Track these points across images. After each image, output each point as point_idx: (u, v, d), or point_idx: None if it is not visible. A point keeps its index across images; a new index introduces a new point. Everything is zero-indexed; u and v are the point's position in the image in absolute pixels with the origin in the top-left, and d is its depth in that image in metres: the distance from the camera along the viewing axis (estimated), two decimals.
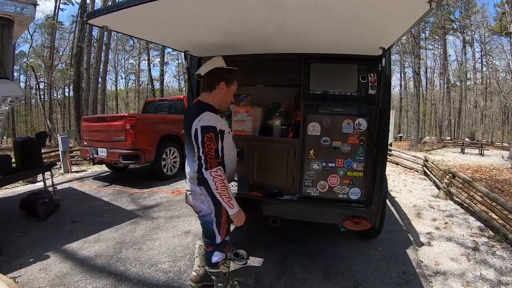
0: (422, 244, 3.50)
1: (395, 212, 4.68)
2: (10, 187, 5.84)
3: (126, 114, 6.45)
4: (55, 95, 26.12)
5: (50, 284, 2.63)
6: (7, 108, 3.65)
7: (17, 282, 2.55)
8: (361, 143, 2.56)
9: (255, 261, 3.02)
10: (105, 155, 6.05)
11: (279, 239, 3.47)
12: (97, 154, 6.22)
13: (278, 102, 3.39)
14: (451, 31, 22.79)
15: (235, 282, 2.42)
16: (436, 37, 21.25)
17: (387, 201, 5.34)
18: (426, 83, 29.08)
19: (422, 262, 3.08)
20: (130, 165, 6.60)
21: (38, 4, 2.99)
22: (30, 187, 5.72)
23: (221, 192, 1.87)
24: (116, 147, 5.88)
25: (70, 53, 17.45)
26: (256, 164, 3.04)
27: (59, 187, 5.90)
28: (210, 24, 1.97)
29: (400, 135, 25.42)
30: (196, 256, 2.49)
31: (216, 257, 2.13)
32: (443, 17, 17.90)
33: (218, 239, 2.10)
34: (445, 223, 4.19)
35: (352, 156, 2.59)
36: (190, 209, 3.85)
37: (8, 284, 2.21)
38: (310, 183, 2.70)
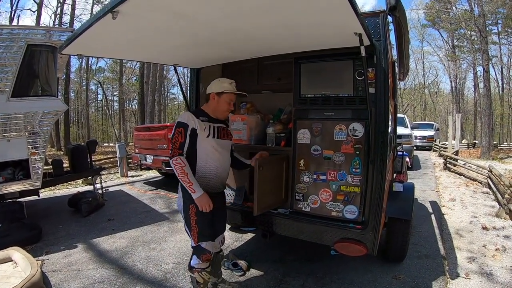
0: (457, 276, 2.71)
1: (437, 233, 3.81)
2: (70, 187, 6.55)
3: (168, 124, 6.71)
4: (130, 105, 29.21)
5: (67, 268, 2.91)
6: (53, 119, 4.05)
7: (44, 262, 2.91)
8: (357, 152, 2.06)
9: (253, 274, 2.75)
10: (151, 161, 6.35)
11: (289, 255, 3.10)
12: (145, 160, 6.57)
13: (283, 108, 3.05)
14: None
15: None
16: (510, 30, 17.55)
17: (432, 218, 4.49)
18: (503, 82, 24.33)
19: None
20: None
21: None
22: (88, 188, 6.29)
23: (182, 178, 1.91)
24: (159, 154, 6.09)
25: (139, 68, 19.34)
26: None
27: (111, 189, 6.40)
28: (179, 38, 1.85)
29: (475, 141, 21.88)
30: None
31: (193, 261, 2.10)
32: None
33: (192, 242, 2.07)
34: (496, 250, 3.22)
35: (346, 168, 2.10)
36: None
37: (31, 263, 2.54)
38: (301, 197, 2.29)
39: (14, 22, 16.18)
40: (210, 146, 2.02)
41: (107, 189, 6.07)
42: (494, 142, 17.44)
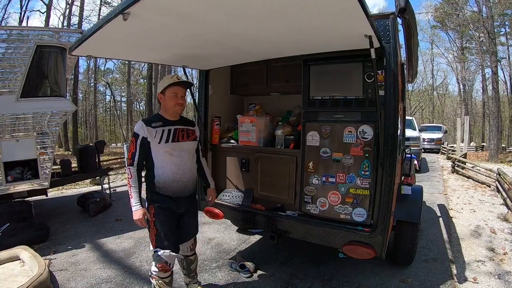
0: (465, 280, 2.68)
1: (445, 236, 3.78)
2: (78, 187, 6.61)
3: None
4: (138, 106, 29.43)
5: (74, 268, 2.96)
6: (61, 120, 4.11)
7: (51, 262, 2.99)
8: (366, 155, 2.06)
9: (260, 276, 2.76)
10: None
11: (296, 257, 3.10)
12: None
13: (292, 110, 3.06)
14: None
15: None
16: None
17: (440, 222, 4.45)
18: (511, 84, 24.01)
19: None
20: None
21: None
22: (95, 188, 6.35)
23: (128, 188, 1.98)
24: None
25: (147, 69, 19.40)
26: (259, 176, 2.76)
27: (119, 189, 6.43)
28: (191, 38, 1.86)
29: (483, 144, 21.63)
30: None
31: (152, 267, 2.04)
32: None
33: (151, 246, 2.03)
34: (504, 254, 3.18)
35: (355, 170, 2.10)
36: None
37: (38, 262, 2.63)
38: (310, 199, 2.29)
39: (24, 23, 16.48)
40: (163, 151, 2.00)
41: (115, 190, 6.11)
42: (503, 145, 17.23)
